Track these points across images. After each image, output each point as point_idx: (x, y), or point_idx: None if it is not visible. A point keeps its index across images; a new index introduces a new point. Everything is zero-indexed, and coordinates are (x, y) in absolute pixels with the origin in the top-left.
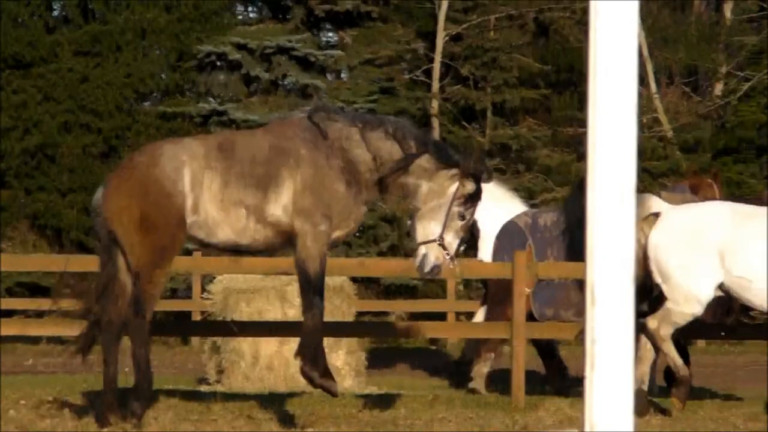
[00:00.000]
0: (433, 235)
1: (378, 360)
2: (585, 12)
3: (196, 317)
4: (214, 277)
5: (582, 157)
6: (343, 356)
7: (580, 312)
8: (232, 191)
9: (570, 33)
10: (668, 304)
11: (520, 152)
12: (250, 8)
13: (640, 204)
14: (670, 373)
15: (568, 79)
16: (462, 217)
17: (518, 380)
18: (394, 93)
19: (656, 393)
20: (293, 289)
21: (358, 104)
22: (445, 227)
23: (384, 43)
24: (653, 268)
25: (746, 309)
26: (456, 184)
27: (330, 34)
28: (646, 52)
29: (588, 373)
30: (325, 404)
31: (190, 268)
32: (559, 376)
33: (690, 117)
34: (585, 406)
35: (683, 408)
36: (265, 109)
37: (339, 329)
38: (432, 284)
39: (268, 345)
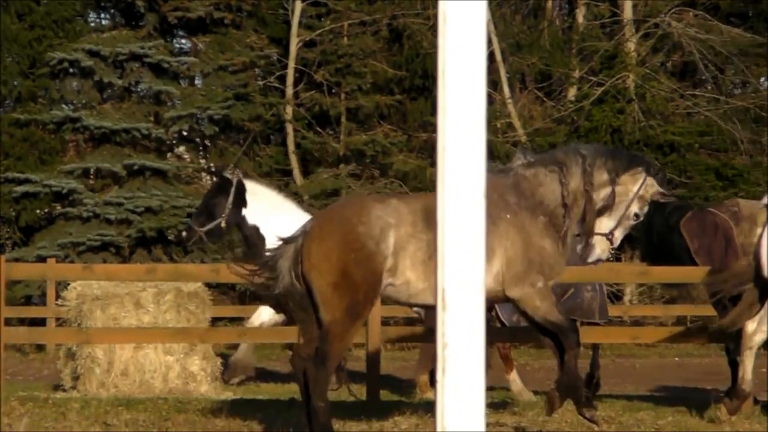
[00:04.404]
0: (604, 229)
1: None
2: (437, 18)
3: (51, 324)
4: (69, 284)
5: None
6: (198, 362)
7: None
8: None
9: (424, 39)
10: None
11: (375, 158)
12: (102, 15)
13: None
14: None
15: (423, 84)
16: (637, 216)
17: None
18: (249, 99)
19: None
20: (147, 295)
21: (212, 110)
22: (618, 224)
23: (237, 50)
24: (764, 260)
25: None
26: (639, 183)
27: (183, 41)
28: (499, 57)
29: (440, 377)
30: (181, 410)
31: (45, 274)
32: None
33: (544, 122)
34: (437, 409)
35: (730, 419)
36: (118, 115)
37: (191, 334)
38: None
39: (123, 351)
